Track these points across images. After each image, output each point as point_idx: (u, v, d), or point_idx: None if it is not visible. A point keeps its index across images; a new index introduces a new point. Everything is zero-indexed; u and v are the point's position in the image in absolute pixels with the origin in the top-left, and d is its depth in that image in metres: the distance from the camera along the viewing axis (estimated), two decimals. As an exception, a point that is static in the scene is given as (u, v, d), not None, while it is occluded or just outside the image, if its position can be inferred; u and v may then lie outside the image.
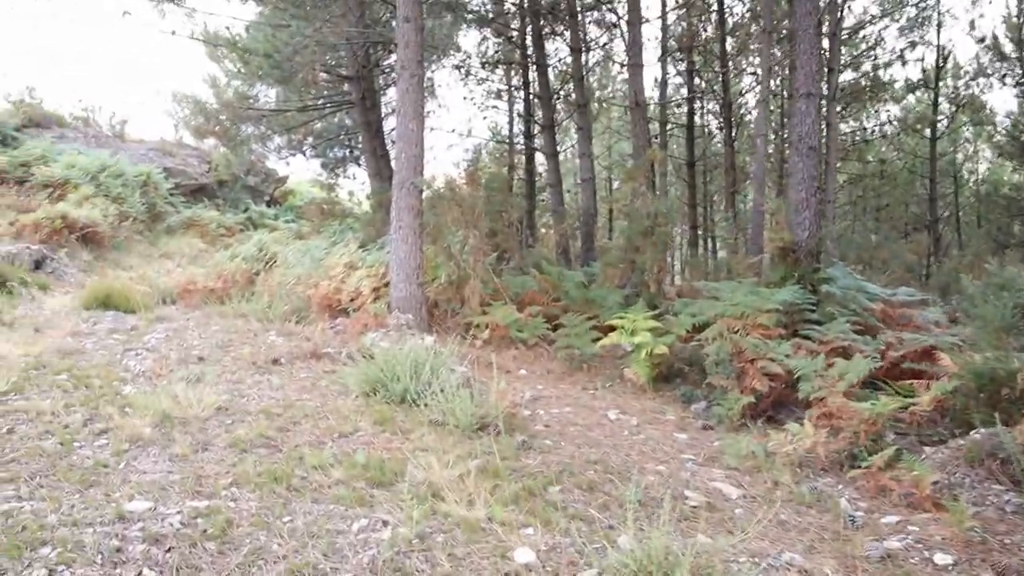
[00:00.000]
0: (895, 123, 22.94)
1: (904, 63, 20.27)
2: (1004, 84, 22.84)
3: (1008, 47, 20.97)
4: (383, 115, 17.86)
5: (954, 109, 22.87)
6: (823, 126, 16.45)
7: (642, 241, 10.71)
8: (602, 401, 7.24)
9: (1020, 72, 21.29)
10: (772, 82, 21.74)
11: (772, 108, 23.16)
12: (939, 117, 21.99)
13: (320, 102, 17.67)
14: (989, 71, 21.81)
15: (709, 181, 25.69)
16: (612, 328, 9.19)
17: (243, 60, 13.73)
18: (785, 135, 20.76)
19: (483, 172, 9.74)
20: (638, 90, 12.54)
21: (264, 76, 14.27)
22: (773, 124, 23.77)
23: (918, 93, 23.08)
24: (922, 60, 20.91)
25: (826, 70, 15.74)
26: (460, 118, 26.70)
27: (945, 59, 20.96)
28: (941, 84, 21.72)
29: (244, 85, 17.05)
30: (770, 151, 23.27)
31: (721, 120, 21.94)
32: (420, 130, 9.08)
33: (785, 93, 20.48)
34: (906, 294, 9.68)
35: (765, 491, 4.94)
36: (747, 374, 7.42)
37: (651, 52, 33.83)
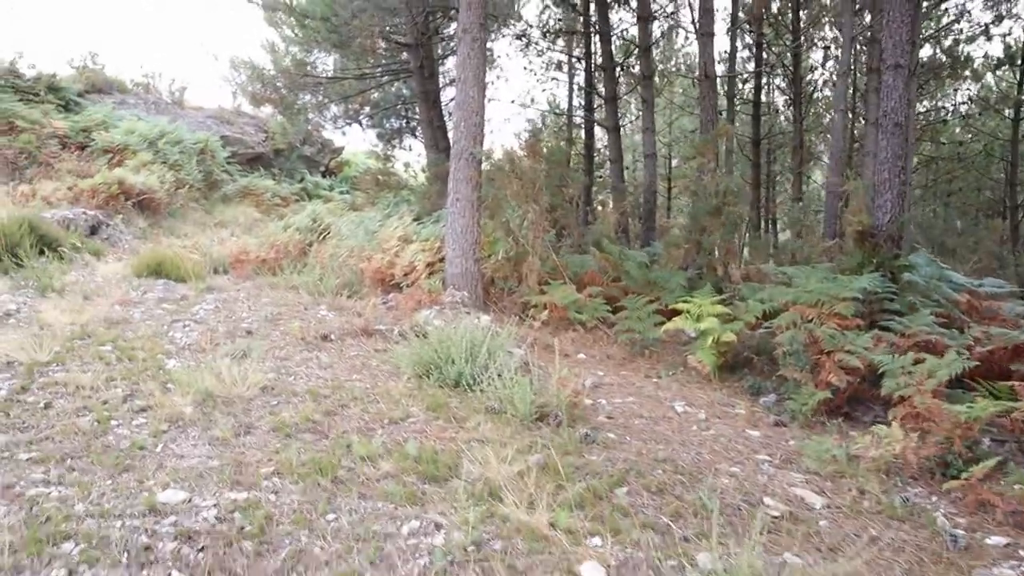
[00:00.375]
0: (974, 102, 21.77)
1: (989, 38, 19.10)
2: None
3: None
4: (441, 85, 17.49)
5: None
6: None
7: (709, 221, 10.18)
8: (667, 391, 6.82)
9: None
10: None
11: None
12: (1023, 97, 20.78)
13: (378, 71, 17.35)
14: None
15: (772, 161, 24.81)
16: (676, 312, 8.74)
17: (300, 24, 13.45)
18: (856, 112, 19.85)
19: (544, 144, 9.29)
20: (708, 61, 11.93)
21: (321, 41, 13.97)
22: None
23: (1000, 71, 21.84)
24: (1008, 35, 19.70)
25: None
26: (519, 89, 26.27)
27: (1033, 35, 19.72)
28: (1026, 62, 20.50)
29: (302, 51, 16.79)
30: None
31: (789, 96, 21.11)
32: (481, 97, 8.68)
33: (858, 68, 19.56)
34: (993, 285, 9.03)
35: (851, 500, 4.49)
36: (823, 367, 6.93)
37: (719, 23, 32.84)
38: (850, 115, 19.90)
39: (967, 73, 20.80)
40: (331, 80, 17.38)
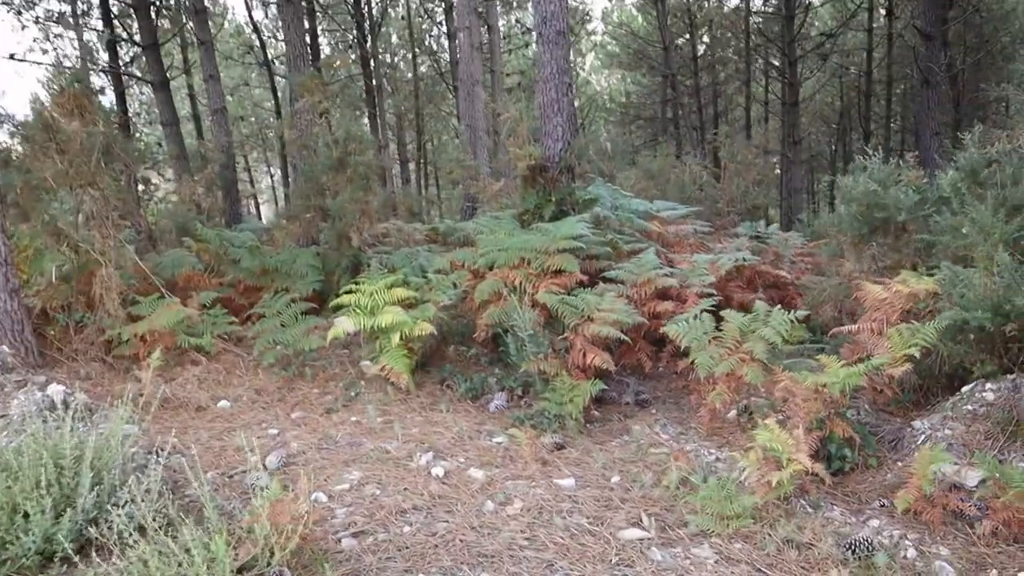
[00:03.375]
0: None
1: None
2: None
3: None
4: None
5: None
6: (485, 28, 14.52)
7: (332, 178, 7.87)
8: (389, 438, 4.50)
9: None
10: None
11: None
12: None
13: None
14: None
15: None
16: (324, 303, 6.46)
17: None
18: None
19: (95, 101, 6.13)
20: (291, -20, 9.34)
21: None
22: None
23: None
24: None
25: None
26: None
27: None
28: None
29: None
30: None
31: (352, 23, 19.08)
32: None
33: None
34: (667, 208, 8.17)
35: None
36: (572, 346, 5.22)
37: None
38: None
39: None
40: None
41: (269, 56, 18.32)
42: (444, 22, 19.08)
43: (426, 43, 21.80)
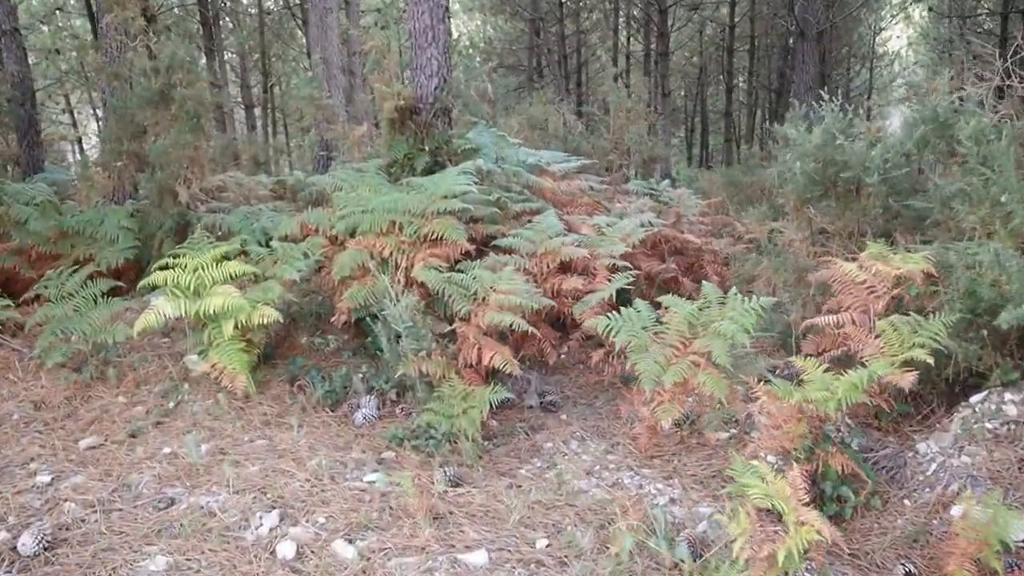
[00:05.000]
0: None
1: None
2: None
3: None
4: None
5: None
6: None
7: (153, 116, 6.32)
8: (217, 486, 3.19)
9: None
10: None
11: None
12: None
13: None
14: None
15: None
16: (141, 275, 5.03)
17: None
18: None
19: None
20: None
21: None
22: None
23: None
24: None
25: None
26: None
27: None
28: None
29: None
30: None
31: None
32: None
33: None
34: (556, 160, 7.07)
35: None
36: (464, 340, 4.07)
37: None
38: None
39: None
40: None
41: (84, -24, 15.80)
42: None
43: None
